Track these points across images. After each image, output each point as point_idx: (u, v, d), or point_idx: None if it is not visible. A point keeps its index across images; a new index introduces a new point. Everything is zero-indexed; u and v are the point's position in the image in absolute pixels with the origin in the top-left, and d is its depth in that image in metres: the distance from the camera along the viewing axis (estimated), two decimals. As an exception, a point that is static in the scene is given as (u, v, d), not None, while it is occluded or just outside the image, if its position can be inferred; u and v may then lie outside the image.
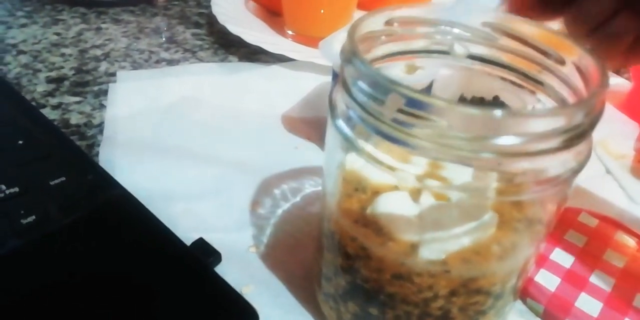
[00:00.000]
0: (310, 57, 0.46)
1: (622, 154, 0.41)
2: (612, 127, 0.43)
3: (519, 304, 0.28)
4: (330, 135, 0.22)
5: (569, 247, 0.30)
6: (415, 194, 0.22)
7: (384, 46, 0.22)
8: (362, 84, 0.18)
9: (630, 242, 0.31)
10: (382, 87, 0.17)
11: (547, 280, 0.28)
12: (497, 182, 0.18)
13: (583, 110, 0.17)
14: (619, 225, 0.32)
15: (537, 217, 0.22)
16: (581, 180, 0.19)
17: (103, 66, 0.48)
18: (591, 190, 0.36)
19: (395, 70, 0.27)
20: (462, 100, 0.28)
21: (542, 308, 0.27)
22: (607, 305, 0.27)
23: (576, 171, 0.19)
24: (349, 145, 0.19)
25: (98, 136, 0.39)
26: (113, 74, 0.46)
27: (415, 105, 0.17)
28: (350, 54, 0.18)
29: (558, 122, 0.17)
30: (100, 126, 0.40)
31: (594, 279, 0.28)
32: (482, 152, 0.17)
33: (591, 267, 0.29)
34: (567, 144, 0.17)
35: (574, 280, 0.28)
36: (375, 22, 0.21)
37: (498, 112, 0.16)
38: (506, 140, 0.16)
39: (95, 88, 0.44)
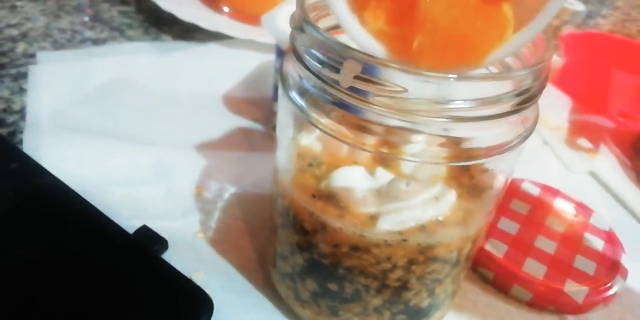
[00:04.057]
0: (249, 35, 0.44)
1: (557, 126, 0.43)
2: (547, 101, 0.45)
3: (470, 273, 0.29)
4: (283, 109, 0.21)
5: (514, 216, 0.31)
6: (371, 169, 0.21)
7: (331, 17, 0.21)
8: (316, 52, 0.17)
9: (568, 208, 0.32)
10: (338, 54, 0.16)
11: (496, 248, 0.28)
12: (447, 147, 0.18)
13: (533, 74, 0.17)
14: (557, 193, 0.33)
15: (488, 185, 0.22)
16: (522, 151, 0.20)
17: (20, 47, 0.43)
18: (531, 161, 0.38)
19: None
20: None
21: (492, 275, 0.28)
22: (551, 268, 0.28)
23: (524, 137, 0.19)
24: (303, 116, 0.19)
25: (20, 123, 0.35)
26: (32, 55, 0.42)
27: (372, 72, 0.16)
28: (301, 21, 0.17)
29: (509, 85, 0.17)
30: (22, 112, 0.36)
31: (538, 244, 0.29)
32: (436, 116, 0.17)
33: (535, 233, 0.30)
34: (517, 108, 0.18)
35: (520, 247, 0.29)
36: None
37: (451, 76, 0.16)
38: (458, 104, 0.17)
39: (13, 71, 0.40)
